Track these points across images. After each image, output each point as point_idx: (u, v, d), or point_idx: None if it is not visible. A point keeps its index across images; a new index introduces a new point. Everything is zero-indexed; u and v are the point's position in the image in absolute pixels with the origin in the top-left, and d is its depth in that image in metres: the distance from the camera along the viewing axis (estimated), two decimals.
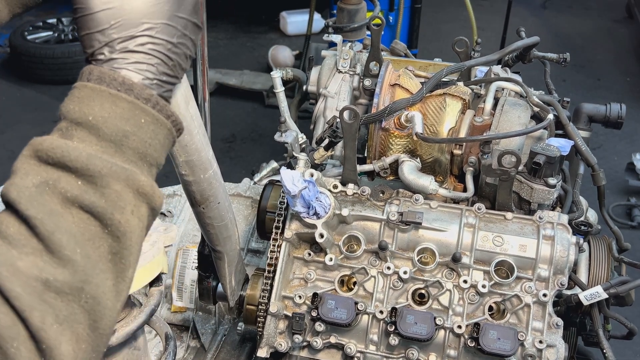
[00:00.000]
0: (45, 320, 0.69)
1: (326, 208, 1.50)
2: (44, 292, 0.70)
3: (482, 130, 1.66)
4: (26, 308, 0.68)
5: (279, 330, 1.56)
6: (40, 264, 0.71)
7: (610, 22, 6.79)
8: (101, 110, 0.78)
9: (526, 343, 1.45)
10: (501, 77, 1.81)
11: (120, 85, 0.80)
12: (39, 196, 0.73)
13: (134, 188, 0.78)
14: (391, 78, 1.76)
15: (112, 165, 0.76)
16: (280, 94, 2.05)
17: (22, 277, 0.69)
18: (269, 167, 2.40)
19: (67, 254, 0.72)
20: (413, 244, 1.55)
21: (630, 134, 4.81)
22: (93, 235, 0.75)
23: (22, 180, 0.74)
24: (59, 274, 0.71)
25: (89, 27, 0.81)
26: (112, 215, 0.76)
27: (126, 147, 0.79)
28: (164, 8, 0.83)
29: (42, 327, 0.69)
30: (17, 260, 0.70)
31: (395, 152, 1.69)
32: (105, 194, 0.75)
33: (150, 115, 0.81)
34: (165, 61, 0.84)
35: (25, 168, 0.75)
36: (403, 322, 1.45)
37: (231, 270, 1.49)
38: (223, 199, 1.29)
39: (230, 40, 6.26)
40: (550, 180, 1.54)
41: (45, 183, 0.74)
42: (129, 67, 0.81)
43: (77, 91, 0.80)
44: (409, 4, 4.45)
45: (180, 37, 0.85)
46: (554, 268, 1.50)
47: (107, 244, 0.76)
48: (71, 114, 0.78)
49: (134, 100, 0.80)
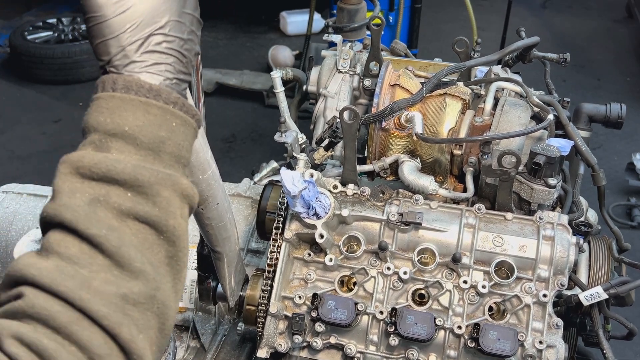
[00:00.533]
0: (132, 333, 0.73)
1: (326, 208, 1.50)
2: (125, 306, 0.73)
3: (482, 131, 1.66)
4: (115, 325, 0.72)
5: (278, 330, 1.56)
6: (114, 280, 0.73)
7: (610, 22, 6.80)
8: (135, 119, 0.79)
9: (526, 343, 1.45)
10: (501, 77, 1.81)
11: (148, 92, 0.80)
12: (94, 214, 0.74)
13: (179, 192, 0.81)
14: (391, 78, 1.76)
15: (158, 173, 0.78)
16: (280, 94, 2.05)
17: (103, 296, 0.72)
18: (269, 167, 2.39)
19: (137, 265, 0.75)
20: (413, 244, 1.55)
21: (630, 134, 4.81)
22: (151, 244, 0.78)
23: (71, 200, 0.75)
24: (133, 286, 0.74)
25: (104, 34, 0.81)
26: (167, 222, 0.79)
27: (164, 152, 0.80)
28: (173, 5, 0.83)
29: (131, 340, 0.73)
30: (91, 280, 0.72)
31: (395, 152, 1.69)
32: (157, 202, 0.78)
33: (180, 118, 0.83)
34: (180, 58, 0.85)
35: (70, 187, 0.76)
36: (403, 323, 1.45)
37: (231, 270, 1.49)
38: (222, 199, 1.29)
39: (230, 40, 6.26)
40: (550, 180, 1.54)
41: (96, 199, 0.75)
42: (149, 70, 0.82)
43: (105, 102, 0.80)
44: (409, 4, 4.45)
45: (189, 33, 0.86)
46: (554, 268, 1.50)
47: (164, 249, 0.79)
48: (103, 125, 0.78)
49: (164, 105, 0.81)
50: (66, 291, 0.71)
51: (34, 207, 2.23)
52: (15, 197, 2.27)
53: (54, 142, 4.62)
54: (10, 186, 2.34)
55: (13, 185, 2.34)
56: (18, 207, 2.23)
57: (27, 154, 4.54)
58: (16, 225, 2.18)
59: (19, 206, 2.23)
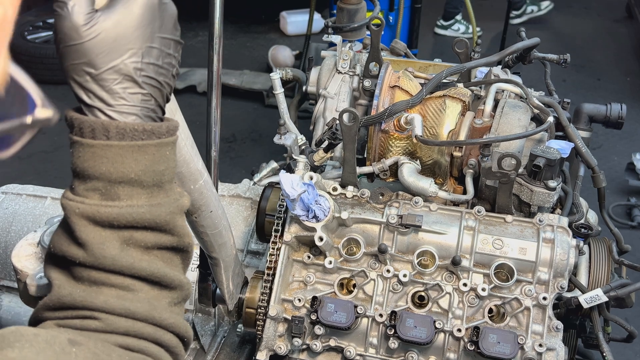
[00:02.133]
0: (188, 329, 0.93)
1: (325, 211, 1.50)
2: (175, 310, 0.92)
3: (482, 132, 1.65)
4: (181, 330, 0.91)
5: (278, 333, 1.56)
6: (162, 295, 0.89)
7: (610, 22, 6.79)
8: (137, 164, 0.83)
9: (526, 346, 1.45)
10: (501, 79, 1.81)
11: (142, 134, 0.83)
12: (127, 254, 0.84)
13: (183, 210, 0.91)
14: (391, 79, 1.76)
15: (169, 205, 0.87)
16: (279, 95, 2.05)
17: (162, 309, 0.88)
18: (268, 167, 2.39)
19: (175, 281, 0.90)
20: (413, 246, 1.55)
21: (630, 134, 4.81)
22: (171, 259, 0.91)
23: (105, 251, 0.83)
24: (177, 296, 0.92)
25: (73, 58, 0.80)
26: (184, 242, 0.91)
27: (165, 182, 0.88)
28: (147, 31, 0.83)
29: (186, 330, 0.93)
30: (152, 300, 0.88)
31: (394, 154, 1.69)
32: (174, 232, 0.89)
33: (169, 144, 0.87)
34: (157, 86, 0.86)
35: (95, 237, 0.82)
36: (402, 326, 1.45)
37: (228, 275, 1.48)
38: (215, 207, 1.28)
39: (230, 40, 6.26)
40: (550, 182, 1.53)
41: (124, 243, 0.84)
42: (133, 110, 0.83)
43: (102, 151, 0.82)
44: (409, 4, 4.45)
45: (165, 56, 0.86)
46: (554, 271, 1.49)
47: (179, 257, 0.93)
48: (107, 175, 0.82)
49: (158, 142, 0.85)
50: (140, 312, 0.85)
51: (33, 208, 2.23)
52: (14, 198, 2.27)
53: (54, 143, 4.61)
54: (10, 187, 2.33)
55: (13, 186, 2.34)
56: (17, 208, 2.23)
57: (27, 154, 4.53)
58: (15, 226, 2.18)
59: (19, 207, 2.23)
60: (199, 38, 6.11)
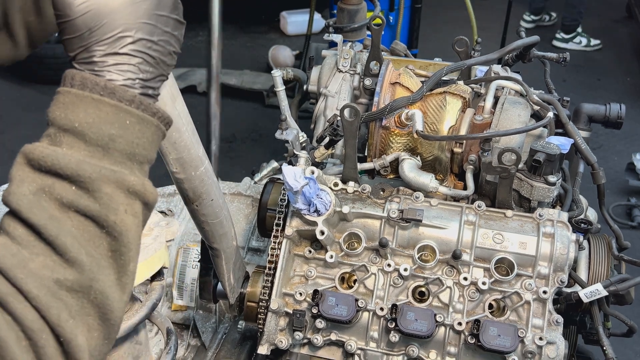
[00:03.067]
0: (61, 317, 0.76)
1: (327, 205, 1.50)
2: (57, 290, 0.77)
3: (482, 129, 1.66)
4: (43, 307, 0.75)
5: (279, 327, 1.56)
6: (51, 265, 0.77)
7: (610, 22, 6.80)
8: (86, 116, 0.81)
9: (526, 340, 1.46)
10: (501, 76, 1.82)
11: (102, 90, 0.82)
12: (38, 203, 0.78)
13: (124, 188, 0.82)
14: (391, 77, 1.77)
15: (101, 169, 0.80)
16: (280, 92, 2.05)
17: (37, 278, 0.76)
18: (269, 167, 2.40)
19: (73, 255, 0.78)
20: (413, 241, 1.56)
21: (630, 134, 4.81)
22: (92, 236, 0.81)
23: (18, 188, 0.79)
24: (68, 274, 0.78)
25: (69, 32, 0.83)
26: (107, 217, 0.81)
27: (113, 149, 0.82)
28: (142, 7, 0.84)
29: (59, 324, 0.76)
30: (29, 262, 0.76)
31: (395, 150, 1.70)
32: (97, 197, 0.80)
33: (134, 116, 0.84)
34: (147, 60, 0.86)
35: (21, 176, 0.79)
36: (403, 319, 1.45)
37: (229, 267, 1.49)
38: (216, 196, 1.29)
39: (230, 40, 6.27)
40: (550, 177, 1.54)
41: (42, 190, 0.79)
42: (110, 70, 0.83)
43: (62, 97, 0.82)
44: (409, 4, 4.45)
45: (161, 34, 0.87)
46: (554, 265, 1.50)
47: (106, 243, 0.81)
48: (57, 120, 0.81)
49: (117, 103, 0.83)
50: (4, 267, 0.75)
51: None
52: None
53: None
54: None
55: None
56: None
57: None
58: None
59: None
60: (199, 38, 6.12)
